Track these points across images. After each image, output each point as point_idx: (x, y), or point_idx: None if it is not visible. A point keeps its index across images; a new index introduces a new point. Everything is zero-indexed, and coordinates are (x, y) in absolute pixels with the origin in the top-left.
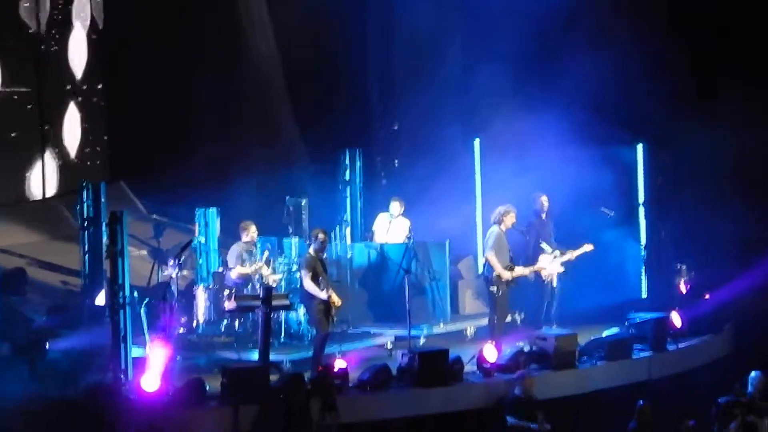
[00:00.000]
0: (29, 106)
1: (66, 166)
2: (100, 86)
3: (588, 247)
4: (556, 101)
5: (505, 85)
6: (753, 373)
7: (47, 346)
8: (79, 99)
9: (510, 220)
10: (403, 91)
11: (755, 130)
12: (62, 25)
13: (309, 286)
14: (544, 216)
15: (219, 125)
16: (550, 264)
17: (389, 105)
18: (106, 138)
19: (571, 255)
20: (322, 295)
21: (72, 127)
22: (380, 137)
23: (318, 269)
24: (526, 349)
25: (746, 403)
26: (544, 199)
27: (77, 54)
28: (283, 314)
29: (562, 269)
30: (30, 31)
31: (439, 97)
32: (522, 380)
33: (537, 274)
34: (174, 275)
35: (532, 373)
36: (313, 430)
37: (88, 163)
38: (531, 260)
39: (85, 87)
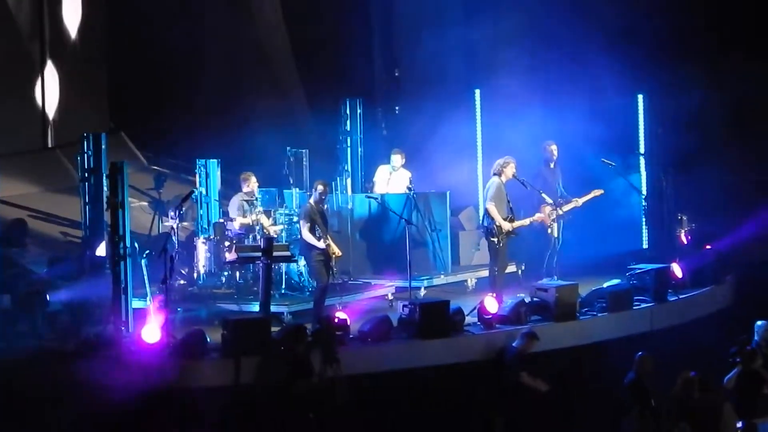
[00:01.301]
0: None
1: (66, 117)
2: (100, 37)
3: (597, 192)
4: (557, 51)
5: (507, 36)
6: (759, 323)
7: (48, 298)
8: (61, 56)
9: (510, 171)
10: (404, 39)
11: (756, 79)
12: None
13: (306, 236)
14: (552, 165)
15: (219, 76)
16: (551, 214)
17: (390, 54)
18: (106, 89)
19: (577, 202)
20: (320, 244)
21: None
22: (381, 87)
23: (316, 220)
24: (527, 300)
25: (750, 352)
26: (554, 148)
27: (73, 3)
28: (283, 265)
29: (567, 216)
30: None
31: (440, 47)
32: (528, 337)
33: (540, 224)
34: (175, 226)
35: (536, 333)
36: (314, 382)
37: (89, 114)
38: (534, 210)
39: (85, 38)
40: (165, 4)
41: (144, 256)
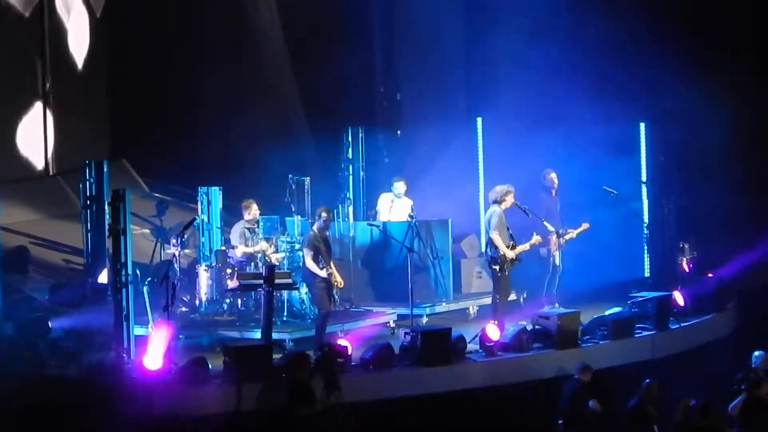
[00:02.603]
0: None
1: (68, 145)
2: (102, 64)
3: (585, 226)
4: (559, 79)
5: (508, 64)
6: (756, 353)
7: (50, 325)
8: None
9: (510, 198)
10: (406, 67)
11: (757, 106)
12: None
13: (310, 264)
14: (553, 193)
15: (221, 103)
16: (552, 241)
17: (392, 82)
18: (108, 116)
19: (572, 234)
20: (322, 273)
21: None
22: (383, 115)
23: (320, 247)
24: (529, 327)
25: (755, 380)
26: (554, 176)
27: (78, 34)
28: (285, 293)
29: (561, 245)
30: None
31: (442, 75)
32: (583, 370)
33: (546, 251)
34: (176, 254)
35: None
36: (316, 409)
37: (91, 141)
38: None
39: (90, 67)
40: (166, 31)
41: (146, 283)
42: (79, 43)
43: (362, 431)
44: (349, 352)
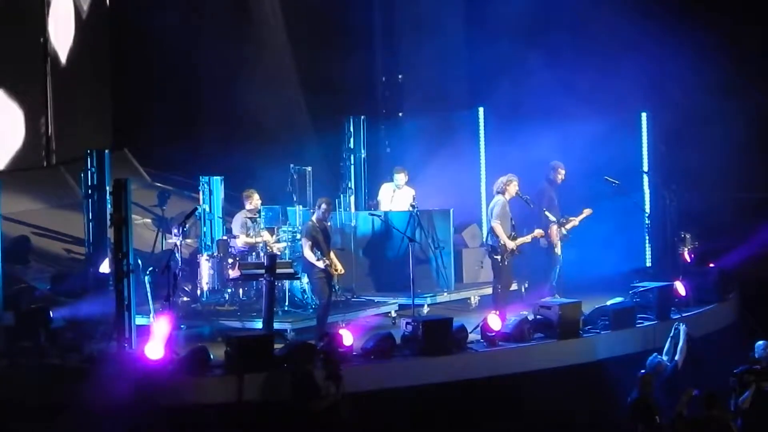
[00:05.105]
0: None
1: (70, 134)
2: (103, 54)
3: (587, 212)
4: (561, 68)
5: (510, 53)
6: (759, 343)
7: (51, 315)
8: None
9: (513, 189)
10: (407, 57)
11: (761, 96)
12: None
13: (308, 254)
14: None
15: (223, 93)
16: (554, 231)
17: (393, 71)
18: (110, 106)
19: (574, 222)
20: (319, 264)
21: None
22: (384, 105)
23: (318, 238)
24: (531, 317)
25: (762, 371)
26: (563, 171)
27: (61, 24)
28: (286, 282)
29: (566, 235)
30: None
31: (443, 66)
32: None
33: (548, 243)
34: (178, 243)
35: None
36: (320, 400)
37: (93, 130)
38: (538, 227)
39: (79, 59)
40: (167, 22)
41: (147, 272)
42: (65, 37)
43: (363, 421)
44: (351, 342)
